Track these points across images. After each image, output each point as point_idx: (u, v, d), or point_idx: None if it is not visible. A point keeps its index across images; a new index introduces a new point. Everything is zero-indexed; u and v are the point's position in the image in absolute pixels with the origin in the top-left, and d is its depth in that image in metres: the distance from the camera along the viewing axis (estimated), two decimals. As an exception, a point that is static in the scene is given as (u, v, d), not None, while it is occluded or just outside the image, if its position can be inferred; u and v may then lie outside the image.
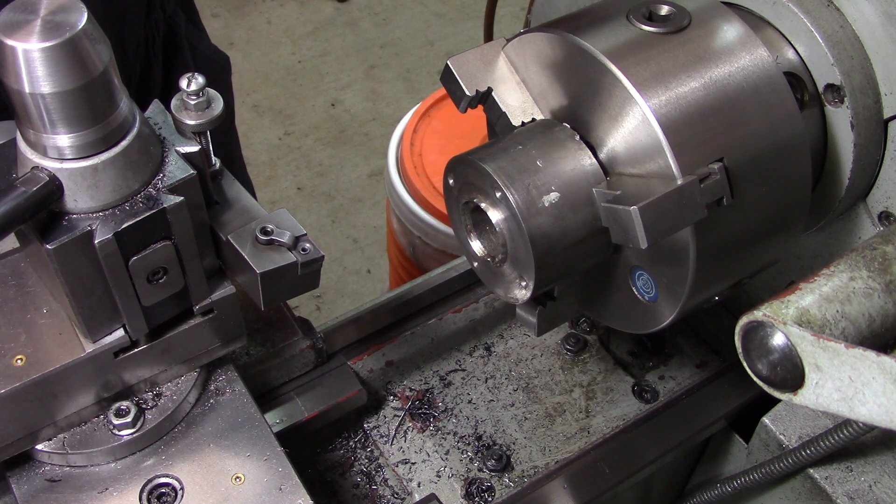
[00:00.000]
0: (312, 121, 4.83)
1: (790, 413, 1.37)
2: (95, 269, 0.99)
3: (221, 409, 1.19)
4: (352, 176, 4.55)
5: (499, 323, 1.61)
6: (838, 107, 1.18)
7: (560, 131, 1.09)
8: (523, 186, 1.03)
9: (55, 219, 0.96)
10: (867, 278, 1.01)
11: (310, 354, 1.44)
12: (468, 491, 1.40)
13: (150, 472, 1.12)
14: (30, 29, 0.86)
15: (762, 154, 1.05)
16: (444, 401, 1.51)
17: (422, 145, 2.81)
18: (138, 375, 1.14)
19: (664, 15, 1.08)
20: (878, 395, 0.91)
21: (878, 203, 1.25)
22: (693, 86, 1.02)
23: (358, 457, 1.45)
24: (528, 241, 1.03)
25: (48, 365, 1.06)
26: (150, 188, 1.00)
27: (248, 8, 5.48)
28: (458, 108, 1.15)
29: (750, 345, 1.01)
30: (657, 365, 1.57)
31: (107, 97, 0.93)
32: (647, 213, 0.95)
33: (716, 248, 1.06)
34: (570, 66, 1.07)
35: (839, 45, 1.16)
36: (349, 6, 5.50)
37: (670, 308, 1.10)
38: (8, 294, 1.12)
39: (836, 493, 1.28)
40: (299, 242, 1.08)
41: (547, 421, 1.48)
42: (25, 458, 1.13)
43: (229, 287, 1.15)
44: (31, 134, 0.93)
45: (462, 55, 1.14)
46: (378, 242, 4.21)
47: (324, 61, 5.16)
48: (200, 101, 1.03)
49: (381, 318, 1.58)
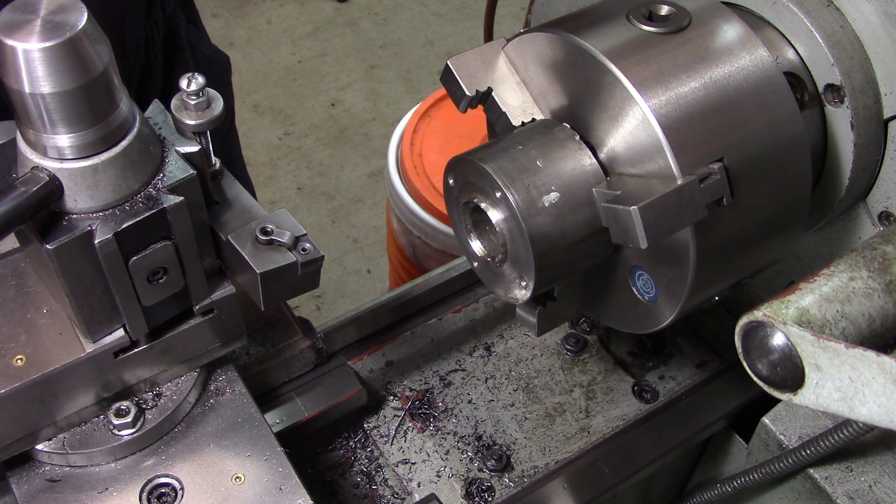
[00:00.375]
0: (312, 121, 4.83)
1: (790, 413, 1.37)
2: (95, 269, 0.99)
3: (221, 409, 1.19)
4: (352, 176, 4.55)
5: (499, 323, 1.61)
6: (838, 107, 1.18)
7: (560, 131, 1.09)
8: (523, 186, 1.03)
9: (55, 219, 0.96)
10: (867, 278, 1.01)
11: (310, 354, 1.44)
12: (468, 491, 1.40)
13: (150, 472, 1.12)
14: (30, 29, 0.86)
15: (762, 154, 1.05)
16: (444, 401, 1.51)
17: (422, 145, 2.81)
18: (138, 375, 1.14)
19: (664, 15, 1.08)
20: (878, 395, 0.91)
21: (878, 203, 1.25)
22: (693, 86, 1.02)
23: (358, 457, 1.45)
24: (528, 241, 1.03)
25: (48, 365, 1.06)
26: (150, 188, 1.00)
27: (248, 8, 5.48)
28: (458, 108, 1.15)
29: (750, 345, 1.01)
30: (657, 365, 1.57)
31: (107, 97, 0.93)
32: (647, 213, 0.95)
33: (716, 248, 1.06)
34: (570, 66, 1.07)
35: (839, 45, 1.16)
36: (349, 6, 5.50)
37: (670, 308, 1.10)
38: (8, 294, 1.12)
39: (836, 493, 1.28)
40: (299, 242, 1.08)
41: (547, 421, 1.48)
42: (25, 458, 1.13)
43: (229, 287, 1.15)
44: (31, 134, 0.93)
45: (462, 55, 1.14)
46: (378, 242, 4.21)
47: (324, 61, 5.16)
48: (200, 101, 1.03)
49: (381, 318, 1.58)
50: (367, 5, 5.51)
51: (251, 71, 5.05)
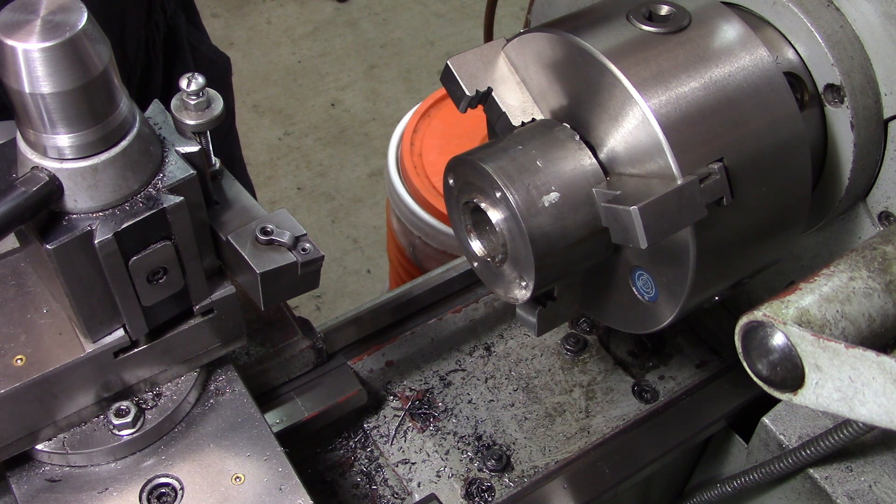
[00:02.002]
0: (312, 121, 4.83)
1: (790, 413, 1.37)
2: (95, 269, 0.99)
3: (221, 409, 1.19)
4: (352, 176, 4.55)
5: (499, 323, 1.61)
6: (838, 107, 1.18)
7: (560, 131, 1.09)
8: (523, 186, 1.03)
9: (55, 219, 0.96)
10: (867, 278, 1.01)
11: (310, 354, 1.44)
12: (468, 491, 1.40)
13: (150, 472, 1.12)
14: (30, 29, 0.86)
15: (762, 154, 1.05)
16: (444, 401, 1.51)
17: (422, 145, 2.81)
18: (138, 375, 1.14)
19: (664, 15, 1.08)
20: (878, 395, 0.91)
21: (878, 203, 1.25)
22: (693, 86, 1.02)
23: (358, 457, 1.45)
24: (528, 241, 1.03)
25: (48, 365, 1.06)
26: (150, 188, 1.00)
27: (248, 8, 5.48)
28: (458, 108, 1.15)
29: (750, 345, 1.01)
30: (657, 365, 1.57)
31: (107, 97, 0.93)
32: (647, 213, 0.95)
33: (716, 248, 1.06)
34: (570, 66, 1.07)
35: (839, 45, 1.16)
36: (349, 6, 5.50)
37: (670, 308, 1.10)
38: (8, 294, 1.12)
39: (836, 493, 1.28)
40: (299, 242, 1.08)
41: (547, 421, 1.48)
42: (25, 458, 1.12)
43: (229, 287, 1.15)
44: (31, 134, 0.93)
45: (462, 55, 1.14)
46: (378, 242, 4.21)
47: (324, 61, 5.16)
48: (200, 101, 1.03)
49: (381, 318, 1.58)
50: (367, 5, 5.51)
51: (251, 71, 5.05)
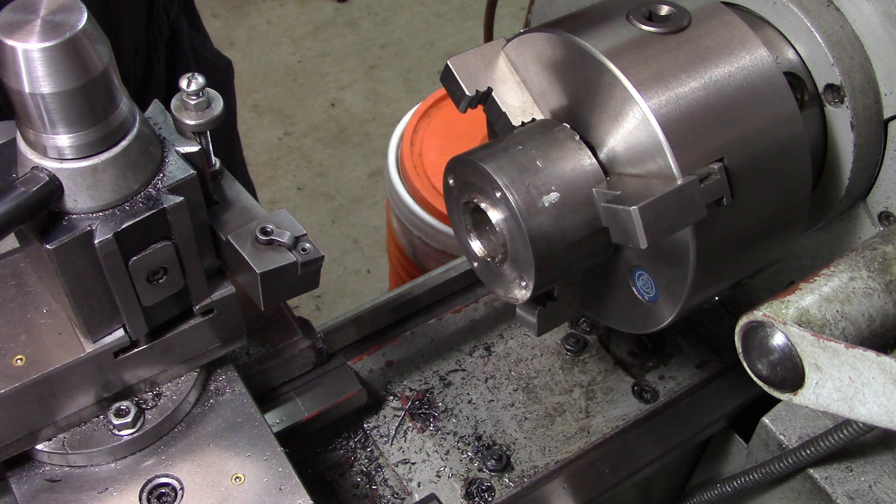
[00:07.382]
0: (312, 121, 4.83)
1: (790, 413, 1.37)
2: (95, 269, 0.99)
3: (221, 409, 1.19)
4: (352, 176, 4.55)
5: (499, 323, 1.61)
6: (838, 107, 1.18)
7: (560, 131, 1.09)
8: (523, 186, 1.03)
9: (55, 219, 0.96)
10: (867, 278, 1.01)
11: (310, 354, 1.44)
12: (468, 491, 1.40)
13: (150, 472, 1.12)
14: (30, 29, 0.86)
15: (762, 154, 1.05)
16: (444, 401, 1.51)
17: (422, 145, 2.81)
18: (138, 375, 1.14)
19: (664, 15, 1.08)
20: (878, 395, 0.91)
21: (878, 203, 1.25)
22: (693, 86, 1.02)
23: (358, 457, 1.45)
24: (528, 241, 1.03)
25: (48, 365, 1.06)
26: (150, 188, 1.00)
27: (248, 8, 5.48)
28: (458, 108, 1.15)
29: (750, 345, 1.01)
30: (657, 365, 1.57)
31: (107, 97, 0.93)
32: (647, 213, 0.95)
33: (716, 248, 1.06)
34: (569, 66, 1.07)
35: (839, 45, 1.16)
36: (349, 6, 5.50)
37: (670, 308, 1.10)
38: (8, 294, 1.12)
39: (836, 493, 1.28)
40: (299, 242, 1.08)
41: (547, 421, 1.48)
42: (25, 458, 1.12)
43: (229, 287, 1.15)
44: (30, 134, 0.93)
45: (462, 55, 1.14)
46: (378, 242, 4.21)
47: (324, 61, 5.16)
48: (200, 101, 1.03)
49: (381, 318, 1.58)
50: (367, 5, 5.51)
51: (251, 71, 5.05)
